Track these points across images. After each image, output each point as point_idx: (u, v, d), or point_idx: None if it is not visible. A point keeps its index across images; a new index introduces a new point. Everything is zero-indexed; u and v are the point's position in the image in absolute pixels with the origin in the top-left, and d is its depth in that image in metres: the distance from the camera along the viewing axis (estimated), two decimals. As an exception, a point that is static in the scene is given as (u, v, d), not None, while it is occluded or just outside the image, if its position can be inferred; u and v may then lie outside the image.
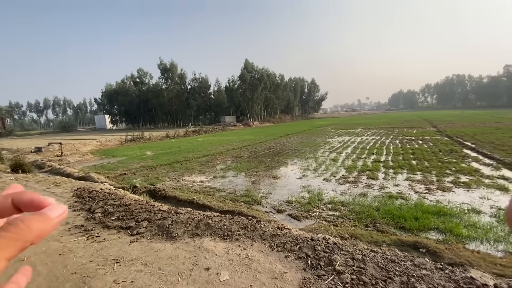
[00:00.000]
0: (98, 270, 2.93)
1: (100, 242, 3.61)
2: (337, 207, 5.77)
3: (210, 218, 3.78)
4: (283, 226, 3.59)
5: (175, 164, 12.20)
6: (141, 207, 4.40)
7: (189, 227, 3.69)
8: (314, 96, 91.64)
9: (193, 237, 3.57)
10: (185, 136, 30.39)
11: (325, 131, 27.84)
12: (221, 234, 3.58)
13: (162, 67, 52.37)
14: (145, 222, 3.76)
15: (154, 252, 3.25)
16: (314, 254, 2.96)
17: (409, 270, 2.67)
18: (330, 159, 11.45)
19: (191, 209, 4.49)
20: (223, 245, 3.36)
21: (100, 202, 4.86)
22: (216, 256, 3.18)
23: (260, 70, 56.12)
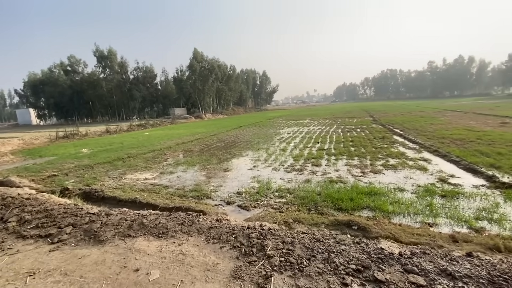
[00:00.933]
0: (7, 285, 2.56)
1: (12, 255, 3.14)
2: (283, 194, 6.02)
3: (145, 217, 3.53)
4: (222, 218, 3.57)
5: (117, 162, 11.18)
6: (66, 212, 3.86)
7: (120, 229, 3.42)
8: (266, 88, 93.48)
9: (124, 238, 3.36)
10: (129, 130, 28.04)
11: (277, 123, 28.74)
12: (155, 233, 3.42)
13: (99, 55, 46.88)
14: (69, 228, 3.31)
15: (77, 259, 2.97)
16: (248, 242, 3.05)
17: (331, 247, 2.91)
18: (279, 149, 11.86)
19: (126, 209, 4.13)
20: (156, 244, 3.25)
21: (16, 209, 4.11)
22: (148, 255, 3.07)
23: (211, 60, 54.62)
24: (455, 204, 5.01)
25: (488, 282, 2.22)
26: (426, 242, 3.44)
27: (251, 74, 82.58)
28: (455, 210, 4.70)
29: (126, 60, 49.23)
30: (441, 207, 4.93)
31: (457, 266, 2.45)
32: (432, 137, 12.39)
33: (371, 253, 2.76)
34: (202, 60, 53.11)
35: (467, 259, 2.57)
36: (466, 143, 10.46)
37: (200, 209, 5.09)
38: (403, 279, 2.30)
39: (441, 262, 2.52)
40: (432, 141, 11.51)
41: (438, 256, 2.64)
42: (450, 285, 2.20)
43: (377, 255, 2.68)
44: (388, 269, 2.45)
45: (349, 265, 2.60)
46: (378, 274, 2.36)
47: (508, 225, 4.11)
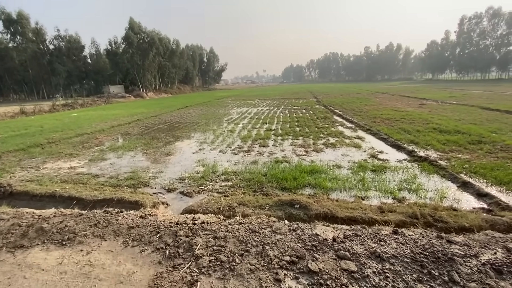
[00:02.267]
0: None
1: None
2: (230, 177, 5.85)
3: (46, 220, 2.90)
4: (147, 214, 3.18)
5: (33, 149, 9.39)
6: None
7: (11, 238, 2.75)
8: (214, 66, 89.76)
9: (14, 251, 2.71)
10: (51, 111, 23.94)
11: (225, 103, 28.06)
12: (58, 240, 2.85)
13: (5, 18, 37.70)
14: None
15: None
16: (175, 241, 2.66)
17: (266, 238, 2.74)
18: (227, 131, 11.56)
19: (26, 211, 3.35)
20: (57, 254, 2.67)
21: None
22: (42, 271, 2.48)
23: (150, 32, 49.20)
24: (382, 177, 5.56)
25: (412, 260, 2.43)
26: (358, 215, 3.70)
27: (197, 50, 77.76)
28: (382, 183, 5.22)
29: (42, 26, 40.72)
30: (372, 181, 5.42)
31: (385, 246, 2.62)
32: (366, 117, 13.65)
33: (306, 240, 2.74)
34: (140, 32, 47.40)
35: (394, 237, 2.80)
36: (392, 122, 11.82)
37: (135, 200, 4.57)
38: (335, 266, 2.32)
39: (371, 244, 2.65)
40: (365, 120, 12.68)
41: (368, 237, 2.79)
42: (379, 267, 2.33)
43: (311, 243, 2.68)
44: (322, 257, 2.44)
45: (284, 257, 2.51)
46: (312, 264, 2.33)
47: (423, 193, 4.75)
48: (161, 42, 51.51)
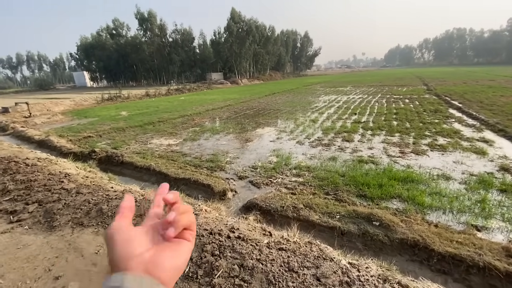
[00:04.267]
0: None
1: None
2: (301, 173, 5.42)
3: (108, 201, 3.24)
4: (195, 212, 3.14)
5: (147, 126, 11.49)
6: (45, 184, 3.82)
7: (78, 214, 3.12)
8: (307, 52, 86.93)
9: (75, 227, 2.93)
10: (167, 94, 28.88)
11: (314, 90, 26.84)
12: (108, 224, 2.98)
13: (140, 17, 47.37)
14: (34, 206, 3.20)
15: (16, 249, 2.65)
16: (199, 258, 2.29)
17: None
18: (309, 120, 10.92)
19: (106, 186, 3.91)
20: (101, 241, 2.75)
21: (8, 176, 4.26)
22: (81, 258, 2.55)
23: (248, 21, 51.57)
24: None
25: None
26: (467, 255, 2.65)
27: (291, 36, 76.83)
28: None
29: (165, 22, 49.17)
30: (497, 205, 3.89)
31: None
32: (500, 113, 10.15)
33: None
34: (240, 21, 50.40)
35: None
36: (548, 122, 8.31)
37: (207, 183, 4.82)
38: None
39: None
40: (499, 117, 9.42)
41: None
42: None
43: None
44: None
45: None
46: None
47: None
48: (257, 30, 53.34)
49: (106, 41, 51.59)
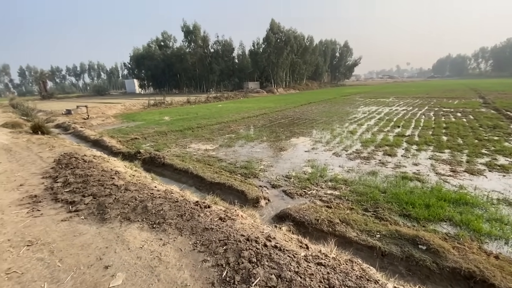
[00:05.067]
0: (4, 253, 2.70)
1: (35, 218, 3.39)
2: (338, 186, 5.19)
3: (152, 200, 3.41)
4: (228, 216, 3.07)
5: (187, 131, 12.11)
6: (99, 179, 4.21)
7: (126, 209, 3.36)
8: (346, 61, 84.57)
9: (123, 221, 3.16)
10: (206, 102, 30.24)
11: (352, 100, 25.88)
12: (152, 221, 3.13)
13: (185, 30, 50.86)
14: (89, 198, 3.53)
15: (73, 236, 2.94)
16: (236, 263, 2.31)
17: None
18: (347, 131, 10.51)
19: (150, 185, 4.16)
20: (145, 236, 2.91)
21: (69, 170, 4.79)
22: (128, 250, 2.72)
23: (287, 31, 52.12)
24: None
25: None
26: (540, 296, 2.26)
27: (330, 45, 75.62)
28: None
29: (208, 34, 52.09)
30: None
31: None
32: None
33: None
34: (279, 32, 51.19)
35: None
36: None
37: (241, 189, 4.88)
38: None
39: None
40: None
41: None
42: None
43: None
44: None
45: None
46: None
47: None
48: (296, 40, 53.59)
49: (155, 51, 56.25)
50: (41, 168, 5.54)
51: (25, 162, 6.08)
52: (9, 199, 3.97)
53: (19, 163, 6.08)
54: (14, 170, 5.54)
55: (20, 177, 5.03)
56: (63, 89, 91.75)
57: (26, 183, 4.67)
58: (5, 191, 4.28)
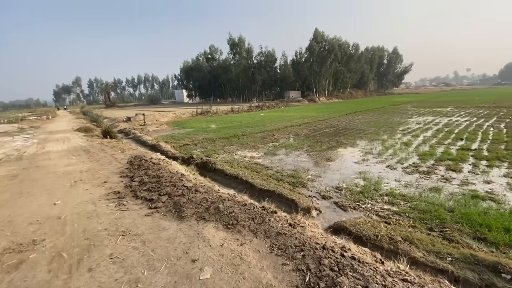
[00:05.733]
0: (104, 240, 3.08)
1: (122, 211, 3.83)
2: (396, 201, 4.87)
3: (222, 202, 3.60)
4: (296, 223, 3.07)
5: (233, 138, 12.59)
6: (170, 181, 4.60)
7: (200, 209, 3.62)
8: (395, 68, 79.33)
9: (199, 220, 3.42)
10: (248, 111, 31.10)
11: (403, 109, 24.09)
12: (226, 222, 3.33)
13: (231, 42, 53.45)
14: (165, 197, 3.90)
15: (158, 230, 3.25)
16: (317, 270, 2.33)
17: None
18: (401, 143, 9.80)
19: (213, 187, 4.42)
20: (222, 235, 3.11)
21: (142, 171, 5.35)
22: (210, 247, 2.94)
23: (331, 40, 51.24)
24: None
25: None
26: None
27: (377, 52, 71.91)
28: None
29: (252, 46, 54.00)
30: None
31: None
32: None
33: None
34: (322, 40, 50.64)
35: None
36: None
37: (291, 198, 4.89)
38: None
39: None
40: None
41: None
42: None
43: None
44: None
45: None
46: None
47: None
48: (340, 48, 52.31)
49: (202, 64, 60.15)
50: (117, 168, 6.39)
51: (103, 162, 7.07)
52: (98, 194, 4.68)
53: (98, 163, 7.08)
54: (96, 168, 6.48)
55: (102, 175, 5.89)
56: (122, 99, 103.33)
57: (108, 180, 5.48)
58: (93, 187, 5.03)
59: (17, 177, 6.25)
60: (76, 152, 9.15)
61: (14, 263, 2.77)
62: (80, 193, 4.84)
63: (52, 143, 11.55)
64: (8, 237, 3.29)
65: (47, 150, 9.82)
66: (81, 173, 6.25)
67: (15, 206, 4.36)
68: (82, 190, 4.97)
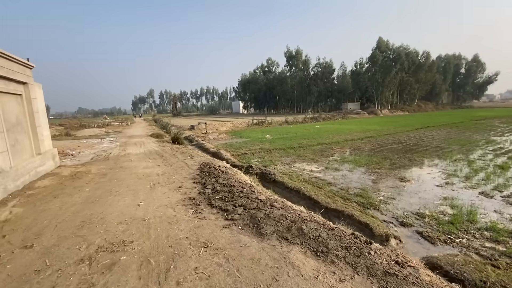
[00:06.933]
0: (187, 250, 3.04)
1: (200, 220, 3.81)
2: (501, 239, 3.94)
3: (305, 222, 3.30)
4: (404, 261, 2.55)
5: (289, 150, 12.39)
6: (242, 191, 4.57)
7: (280, 227, 3.37)
8: (475, 78, 68.51)
9: (281, 240, 3.15)
10: (303, 122, 30.57)
11: (489, 125, 20.39)
12: (314, 248, 2.97)
13: (288, 55, 54.13)
14: (241, 209, 3.81)
15: (239, 246, 3.09)
16: None
17: None
18: (494, 165, 8.16)
19: (287, 203, 4.20)
20: (313, 264, 2.71)
21: (213, 178, 5.50)
22: (302, 278, 2.53)
23: (397, 48, 47.31)
24: None
25: None
26: None
27: (452, 61, 63.35)
28: None
29: (309, 57, 53.66)
30: None
31: None
32: None
33: None
34: (387, 49, 47.14)
35: None
36: None
37: (365, 221, 4.40)
38: None
39: None
40: None
41: None
42: None
43: None
44: None
45: None
46: None
47: None
48: (407, 57, 47.86)
49: (259, 76, 62.28)
50: (189, 173, 6.83)
51: (176, 167, 7.67)
52: (175, 198, 4.94)
53: (172, 167, 7.72)
54: (171, 173, 7.04)
55: (176, 179, 6.33)
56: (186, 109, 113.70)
57: (183, 185, 5.79)
58: (170, 191, 5.43)
59: (106, 175, 7.20)
60: (151, 155, 10.21)
61: (107, 263, 2.86)
62: (159, 196, 5.16)
63: (131, 146, 13.20)
64: (102, 235, 3.56)
65: (128, 153, 11.22)
66: (158, 176, 6.83)
67: (105, 203, 4.87)
68: (161, 193, 5.31)
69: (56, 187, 6.09)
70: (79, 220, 4.13)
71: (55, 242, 3.45)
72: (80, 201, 5.08)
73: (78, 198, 5.26)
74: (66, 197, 5.38)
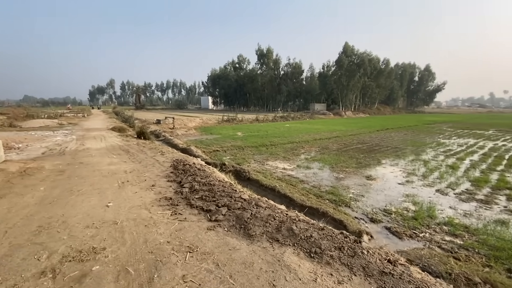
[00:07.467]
0: (171, 256, 2.78)
1: (181, 221, 3.55)
2: (458, 233, 4.34)
3: (294, 223, 3.25)
4: (395, 260, 2.67)
5: (261, 148, 12.40)
6: (223, 190, 4.39)
7: (269, 227, 3.23)
8: (426, 86, 75.96)
9: (272, 242, 3.01)
10: (273, 121, 30.95)
11: (439, 129, 22.71)
12: (307, 249, 2.88)
13: (259, 53, 54.20)
14: (225, 209, 3.62)
15: (228, 249, 2.89)
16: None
17: None
18: (446, 166, 9.05)
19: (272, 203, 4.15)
20: (309, 266, 2.61)
21: (190, 177, 5.23)
22: (300, 281, 2.44)
23: (361, 54, 50.32)
24: None
25: None
26: None
27: (408, 69, 69.43)
28: None
29: (280, 57, 54.39)
30: None
31: None
32: None
33: None
34: (352, 54, 49.90)
35: None
36: None
37: (339, 218, 4.53)
38: None
39: None
40: None
41: None
42: None
43: None
44: None
45: None
46: None
47: None
48: (370, 63, 51.19)
49: (230, 73, 61.40)
50: (161, 171, 6.33)
51: (146, 164, 7.09)
52: (149, 198, 4.50)
53: (141, 164, 7.12)
54: (140, 170, 6.47)
55: (148, 177, 5.81)
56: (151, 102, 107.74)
57: (156, 184, 5.34)
58: (142, 190, 4.95)
59: (64, 172, 6.41)
60: (115, 151, 9.39)
61: (76, 275, 2.49)
62: (130, 196, 4.74)
63: (90, 140, 12.05)
64: (66, 242, 3.11)
65: (87, 147, 10.21)
66: (126, 173, 6.27)
67: (67, 204, 4.32)
68: (132, 193, 4.87)
69: (2, 186, 5.26)
70: (35, 225, 3.57)
71: (7, 251, 2.93)
72: (33, 202, 4.43)
73: (31, 199, 4.59)
74: (15, 197, 4.66)
